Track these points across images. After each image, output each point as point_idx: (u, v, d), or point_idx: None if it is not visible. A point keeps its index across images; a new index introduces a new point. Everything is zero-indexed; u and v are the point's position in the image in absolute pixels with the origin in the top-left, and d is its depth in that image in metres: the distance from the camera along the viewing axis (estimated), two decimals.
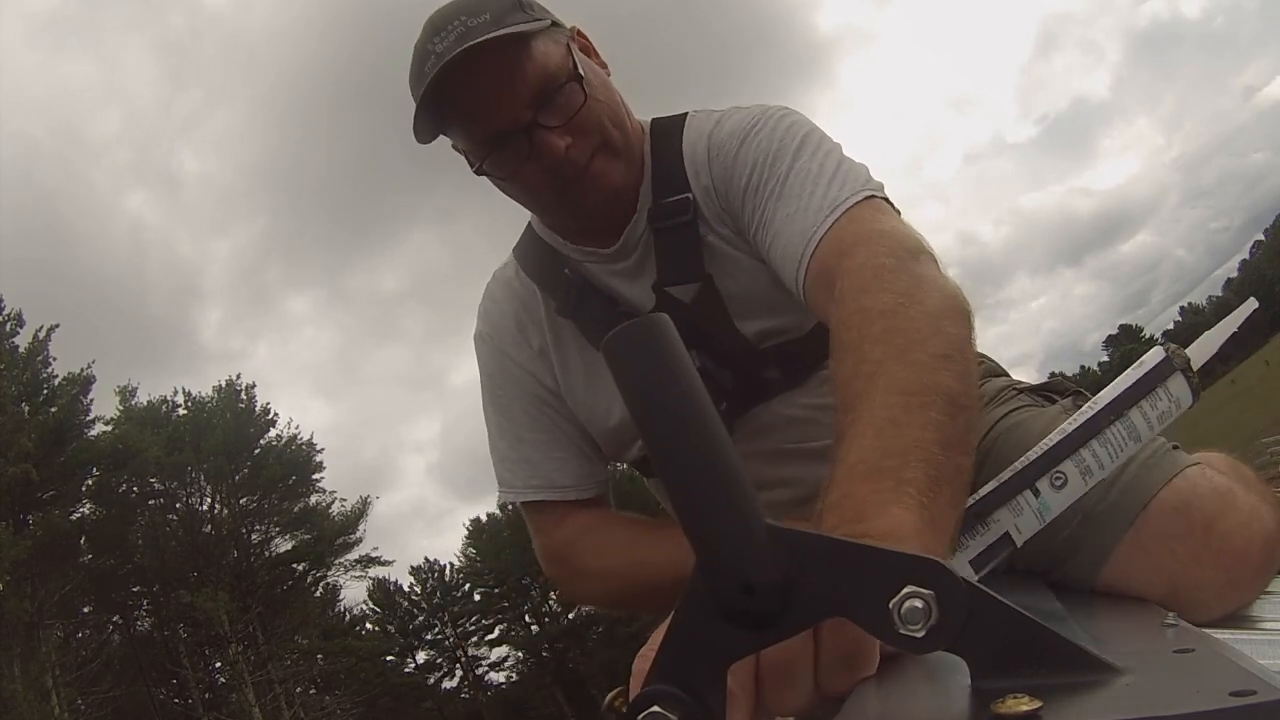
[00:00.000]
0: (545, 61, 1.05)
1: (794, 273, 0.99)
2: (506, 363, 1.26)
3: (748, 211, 1.09)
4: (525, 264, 1.26)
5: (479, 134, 1.07)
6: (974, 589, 0.41)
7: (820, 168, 1.03)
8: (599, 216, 1.14)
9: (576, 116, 1.06)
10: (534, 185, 1.10)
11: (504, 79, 1.03)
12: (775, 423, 1.20)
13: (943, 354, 0.72)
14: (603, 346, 0.45)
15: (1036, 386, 1.24)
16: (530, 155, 1.05)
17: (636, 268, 1.18)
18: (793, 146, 1.07)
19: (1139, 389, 0.79)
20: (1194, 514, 0.88)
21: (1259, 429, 21.51)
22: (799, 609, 0.43)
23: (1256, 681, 0.37)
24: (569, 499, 1.24)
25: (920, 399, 0.68)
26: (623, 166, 1.12)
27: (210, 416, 26.81)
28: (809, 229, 0.98)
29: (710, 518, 0.43)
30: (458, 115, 1.07)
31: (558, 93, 1.05)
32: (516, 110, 1.04)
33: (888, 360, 0.72)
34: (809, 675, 0.59)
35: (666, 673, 0.44)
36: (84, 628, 23.76)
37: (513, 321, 1.26)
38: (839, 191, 0.99)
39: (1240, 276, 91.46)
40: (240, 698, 23.20)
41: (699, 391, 0.43)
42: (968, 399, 0.71)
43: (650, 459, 0.44)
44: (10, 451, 19.92)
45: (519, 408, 1.26)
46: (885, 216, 0.97)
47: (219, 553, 25.62)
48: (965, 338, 0.77)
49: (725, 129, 1.14)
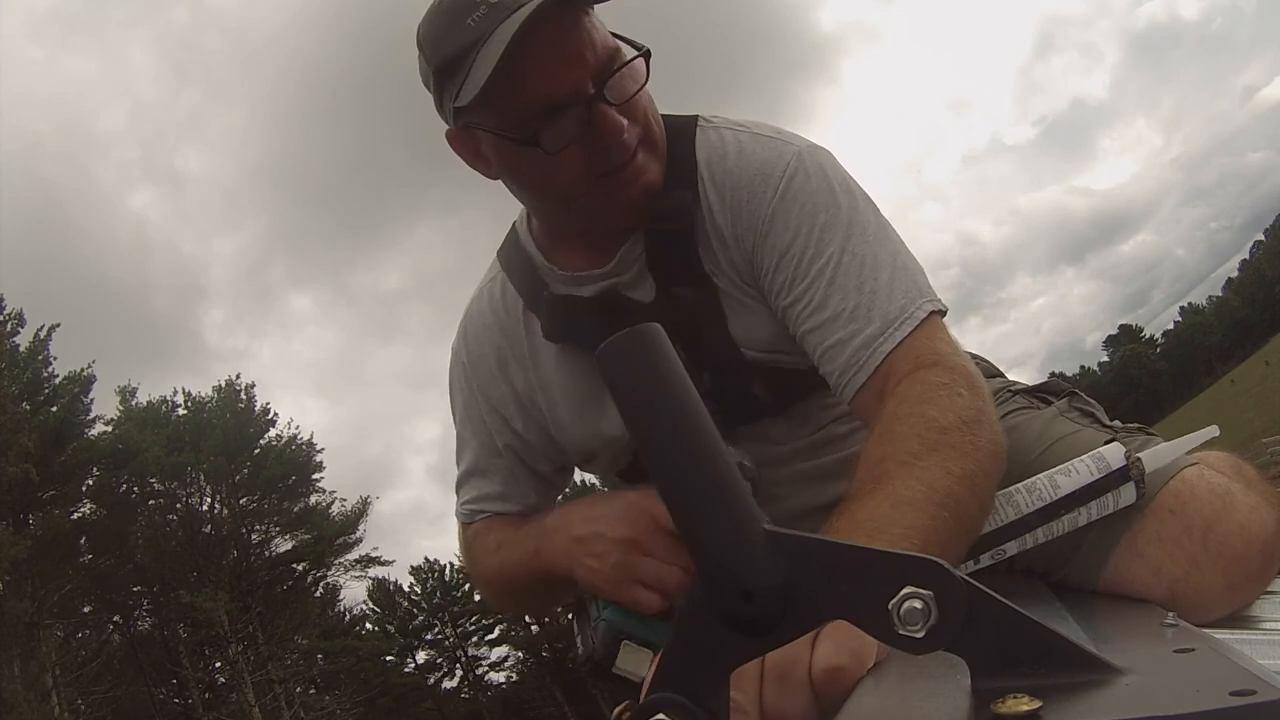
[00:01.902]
0: (608, 39, 0.98)
1: (847, 376, 0.97)
2: (476, 399, 1.22)
3: (780, 278, 1.03)
4: (513, 276, 1.19)
5: (534, 101, 0.95)
6: (973, 589, 0.41)
7: (876, 258, 1.00)
8: (625, 216, 1.06)
9: (635, 98, 0.99)
10: (572, 170, 0.99)
11: (575, 41, 0.94)
12: (771, 456, 1.17)
13: (974, 480, 0.80)
14: (596, 356, 0.45)
15: (1033, 388, 1.23)
16: (585, 133, 0.96)
17: (632, 284, 1.11)
18: (843, 220, 1.02)
19: (1094, 490, 0.88)
20: (1192, 517, 0.88)
21: (1259, 429, 21.51)
22: (799, 613, 0.43)
23: (1256, 681, 0.37)
24: (494, 510, 1.24)
25: (941, 500, 0.76)
26: (659, 166, 1.05)
27: (210, 416, 26.80)
28: (873, 338, 0.96)
29: (708, 525, 0.43)
30: (515, 75, 0.93)
31: (623, 68, 0.97)
32: (583, 79, 0.95)
33: (927, 460, 0.80)
34: (807, 675, 0.59)
35: (670, 680, 0.44)
36: (84, 628, 23.75)
37: (493, 358, 1.20)
38: (904, 299, 0.97)
39: (1240, 276, 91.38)
40: (240, 698, 23.19)
41: (694, 399, 0.44)
42: (975, 526, 0.81)
43: (646, 467, 0.44)
44: (10, 451, 19.93)
45: (477, 441, 1.24)
46: (947, 338, 0.98)
47: (219, 553, 25.60)
48: (995, 477, 0.85)
49: (751, 162, 1.07)
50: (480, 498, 1.24)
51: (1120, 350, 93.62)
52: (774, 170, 1.05)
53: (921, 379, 0.91)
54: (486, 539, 1.22)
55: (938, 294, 1.01)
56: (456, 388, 1.25)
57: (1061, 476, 0.87)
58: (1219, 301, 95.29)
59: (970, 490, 0.80)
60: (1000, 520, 0.86)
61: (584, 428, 1.18)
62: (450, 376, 1.26)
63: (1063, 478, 0.87)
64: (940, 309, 0.98)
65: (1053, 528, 0.85)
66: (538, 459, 1.22)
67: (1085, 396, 1.19)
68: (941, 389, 0.88)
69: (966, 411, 0.86)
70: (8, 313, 22.38)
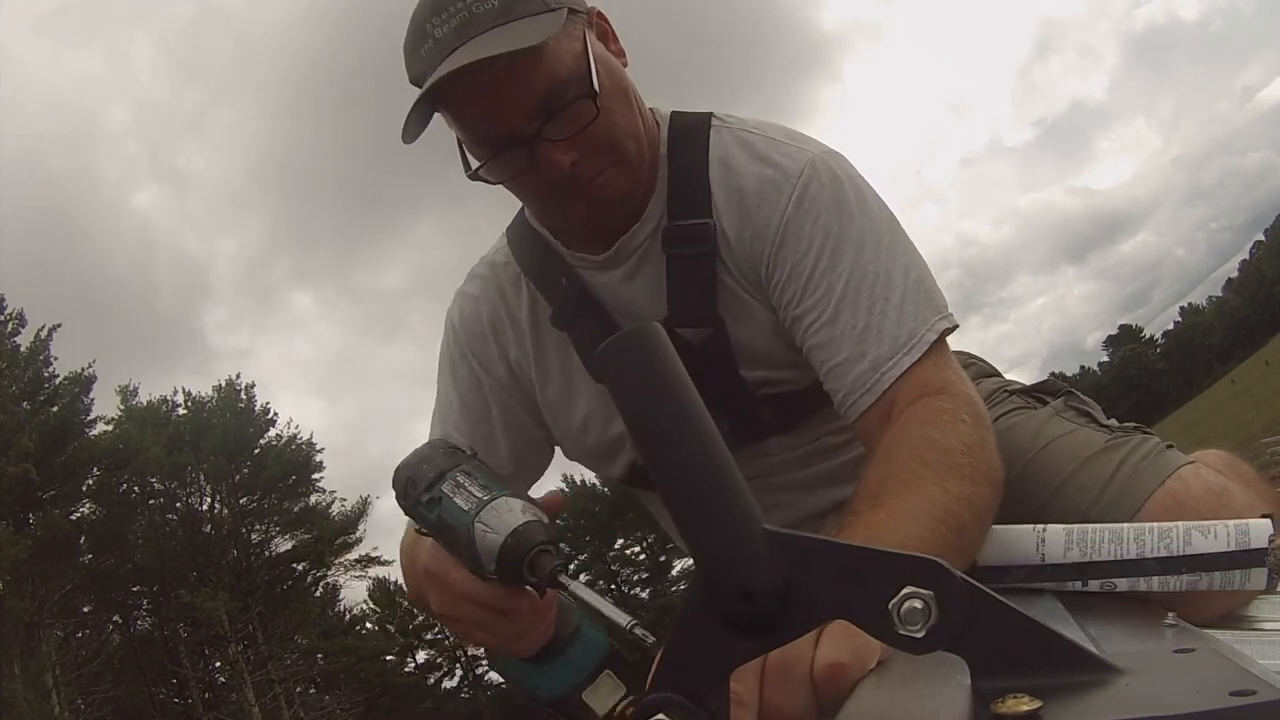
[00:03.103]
0: (555, 68, 0.95)
1: (853, 397, 0.98)
2: (467, 358, 1.21)
3: (792, 289, 1.03)
4: (520, 255, 1.19)
5: (477, 137, 1.00)
6: (974, 589, 0.41)
7: (889, 274, 0.99)
8: (595, 227, 1.08)
9: (585, 130, 0.97)
10: (532, 193, 1.04)
11: (507, 86, 0.94)
12: (764, 468, 1.19)
13: (972, 503, 0.81)
14: (595, 356, 0.45)
15: (1029, 388, 1.24)
16: (531, 165, 0.98)
17: (628, 276, 1.11)
18: (856, 232, 1.01)
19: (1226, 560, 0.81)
20: (1189, 515, 0.88)
21: (1259, 429, 21.52)
22: (799, 613, 0.43)
23: (1256, 681, 0.37)
24: None
25: (940, 515, 0.77)
26: (631, 179, 1.04)
27: (210, 416, 26.79)
28: (881, 361, 0.96)
29: (708, 526, 0.43)
30: (454, 114, 0.99)
31: (567, 106, 0.96)
32: (518, 121, 0.96)
33: (930, 480, 0.81)
34: (808, 674, 0.59)
35: (670, 680, 0.44)
36: (84, 627, 23.74)
37: (486, 318, 1.20)
38: (914, 321, 0.97)
39: (1240, 276, 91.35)
40: (240, 697, 23.18)
41: (694, 399, 0.44)
42: (972, 548, 0.82)
43: (646, 468, 0.44)
44: (10, 451, 19.93)
45: (460, 403, 1.21)
46: (953, 364, 0.98)
47: (219, 552, 25.60)
48: (993, 505, 0.85)
49: (764, 168, 1.06)
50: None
51: (1120, 350, 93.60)
52: (788, 177, 1.04)
53: (926, 405, 0.92)
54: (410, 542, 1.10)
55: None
56: (443, 351, 1.24)
57: (1198, 534, 0.83)
58: (1219, 301, 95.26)
59: (969, 511, 0.81)
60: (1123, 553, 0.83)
61: (571, 425, 1.18)
62: (440, 346, 1.26)
63: (1199, 535, 0.83)
64: (951, 325, 0.98)
65: (1168, 581, 0.82)
66: (519, 426, 1.21)
67: (1082, 396, 1.19)
68: (945, 414, 0.89)
69: (969, 438, 0.87)
70: (8, 313, 22.42)
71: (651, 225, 1.09)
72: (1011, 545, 0.84)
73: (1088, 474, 1.04)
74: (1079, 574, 0.82)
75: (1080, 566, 0.82)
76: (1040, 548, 0.82)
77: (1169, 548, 0.81)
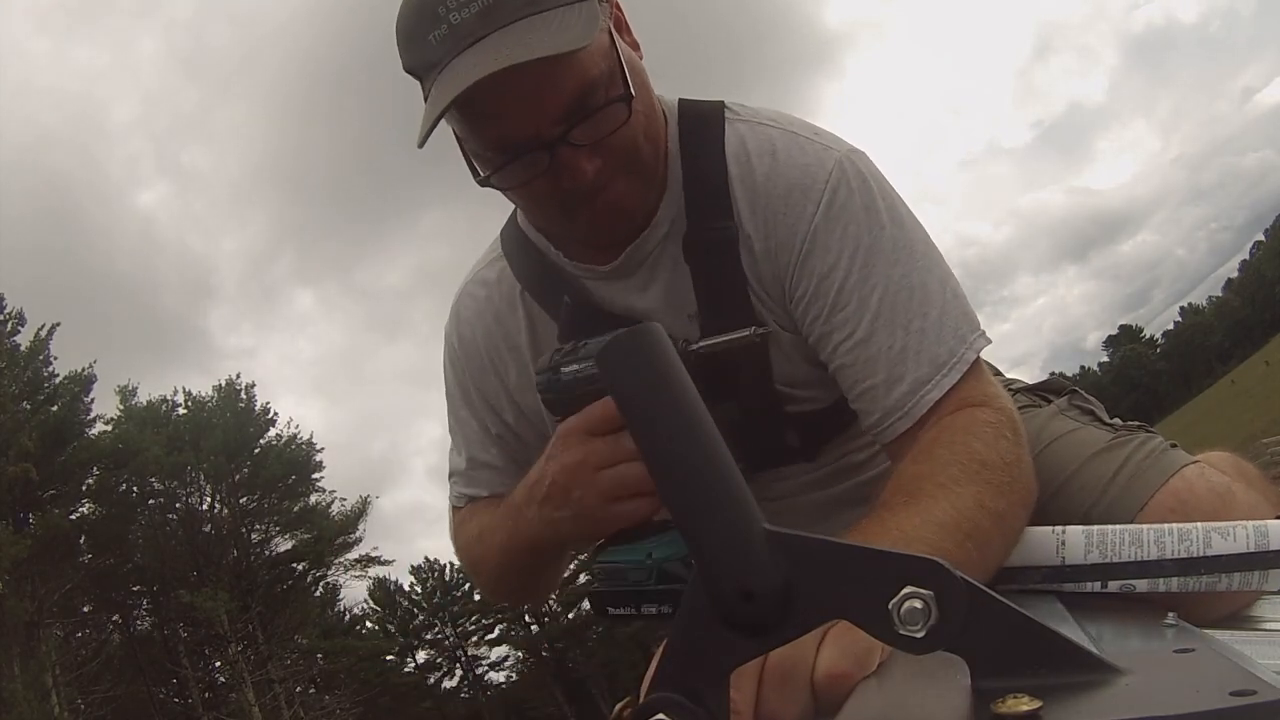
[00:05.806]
0: (588, 67, 0.86)
1: (890, 419, 0.93)
2: (468, 385, 1.18)
3: (820, 303, 0.97)
4: (516, 267, 1.11)
5: (489, 141, 0.90)
6: (974, 588, 0.41)
7: (926, 288, 0.94)
8: (606, 235, 1.00)
9: (611, 136, 0.90)
10: (542, 199, 0.95)
11: (541, 88, 0.85)
12: (783, 490, 1.16)
13: (1004, 520, 0.81)
14: (596, 357, 0.45)
15: (1033, 386, 1.23)
16: (548, 170, 0.89)
17: (641, 286, 1.04)
18: (889, 242, 0.95)
19: (1245, 562, 0.80)
20: (1192, 515, 0.88)
21: (1259, 429, 21.52)
22: (799, 613, 0.43)
23: (1256, 681, 0.37)
24: (483, 494, 1.19)
25: (970, 529, 0.76)
26: (644, 187, 0.98)
27: (210, 416, 26.81)
28: (921, 383, 0.92)
29: (708, 526, 0.43)
30: (469, 115, 0.88)
31: (598, 110, 0.88)
32: (544, 125, 0.87)
33: (964, 489, 0.80)
34: (809, 678, 0.59)
35: (670, 680, 0.44)
36: (84, 627, 23.76)
37: (483, 346, 1.14)
38: (953, 340, 0.93)
39: (1240, 276, 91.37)
40: (240, 697, 23.18)
41: (694, 399, 0.44)
42: (994, 565, 0.80)
43: (646, 468, 0.44)
44: (10, 451, 19.95)
45: (468, 427, 1.20)
46: (992, 380, 0.96)
47: (219, 552, 25.61)
48: (1022, 526, 0.84)
49: (788, 169, 0.98)
50: (469, 483, 1.20)
51: (1120, 350, 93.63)
52: (815, 181, 0.97)
53: (970, 414, 0.89)
54: (469, 526, 1.18)
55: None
56: (449, 372, 1.21)
57: (1217, 535, 0.82)
58: (1219, 301, 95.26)
59: (999, 529, 0.80)
60: (1143, 554, 0.82)
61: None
62: (443, 359, 1.22)
63: (1218, 537, 0.82)
64: (987, 341, 0.96)
65: (1188, 582, 0.81)
66: (528, 452, 1.18)
67: (1085, 395, 1.19)
68: (989, 426, 0.88)
69: (1009, 454, 0.85)
70: (8, 312, 22.44)
71: (664, 230, 1.01)
72: (1031, 547, 0.83)
73: (1090, 472, 1.04)
74: (1099, 575, 0.81)
75: (1100, 568, 0.81)
76: (1060, 550, 0.82)
77: (1189, 549, 0.81)
